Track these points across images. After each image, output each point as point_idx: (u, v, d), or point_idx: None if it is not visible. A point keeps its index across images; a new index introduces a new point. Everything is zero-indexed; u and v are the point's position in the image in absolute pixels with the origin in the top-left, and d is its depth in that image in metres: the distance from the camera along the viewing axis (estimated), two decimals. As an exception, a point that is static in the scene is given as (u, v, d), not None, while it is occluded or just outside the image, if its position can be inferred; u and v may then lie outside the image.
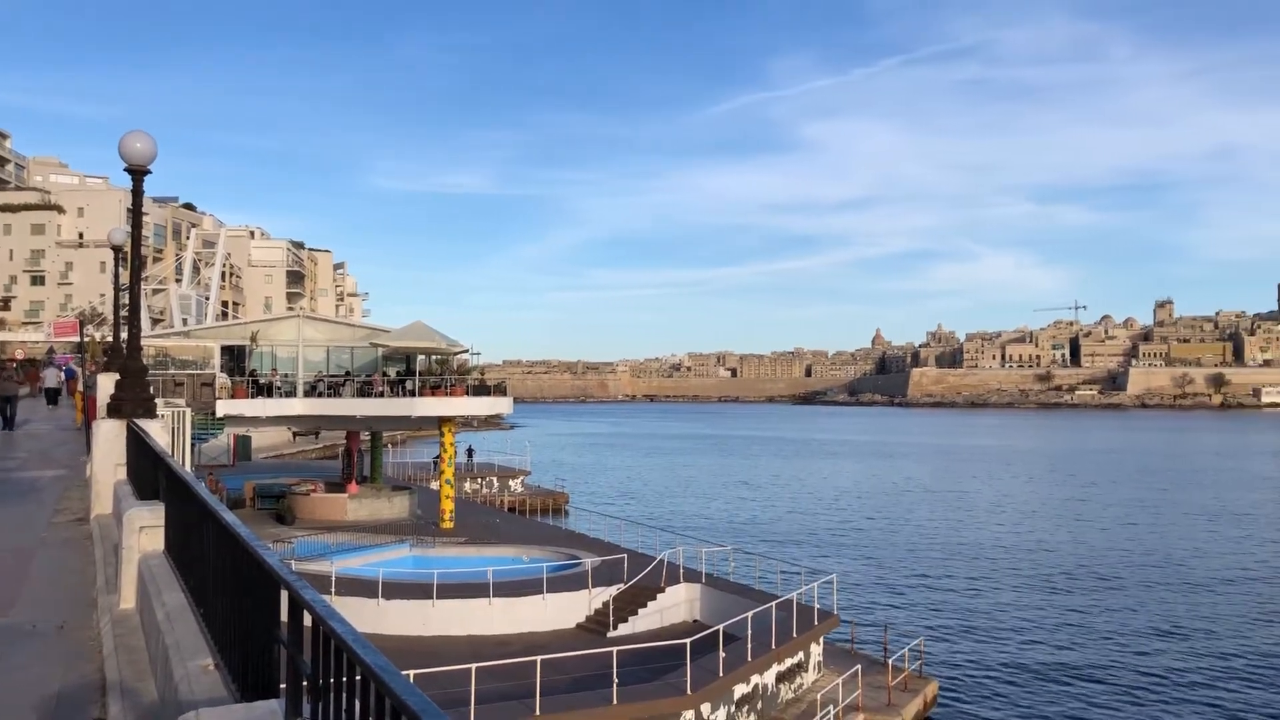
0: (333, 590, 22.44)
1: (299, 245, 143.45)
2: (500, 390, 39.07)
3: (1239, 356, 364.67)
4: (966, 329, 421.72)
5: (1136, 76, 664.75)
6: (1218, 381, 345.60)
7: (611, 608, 23.98)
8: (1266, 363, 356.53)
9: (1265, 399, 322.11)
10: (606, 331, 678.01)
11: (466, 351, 40.01)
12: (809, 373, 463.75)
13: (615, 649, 18.50)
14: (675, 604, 24.92)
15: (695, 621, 24.47)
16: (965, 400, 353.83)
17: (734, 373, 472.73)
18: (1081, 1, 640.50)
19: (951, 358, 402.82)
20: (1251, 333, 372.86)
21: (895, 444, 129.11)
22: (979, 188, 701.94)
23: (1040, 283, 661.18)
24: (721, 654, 19.00)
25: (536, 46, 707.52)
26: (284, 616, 3.61)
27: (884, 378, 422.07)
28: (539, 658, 17.53)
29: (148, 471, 8.34)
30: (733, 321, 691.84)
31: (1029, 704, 22.72)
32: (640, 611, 24.12)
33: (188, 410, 18.04)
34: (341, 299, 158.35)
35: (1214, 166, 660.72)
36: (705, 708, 18.28)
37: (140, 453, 9.06)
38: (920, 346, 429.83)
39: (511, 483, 59.78)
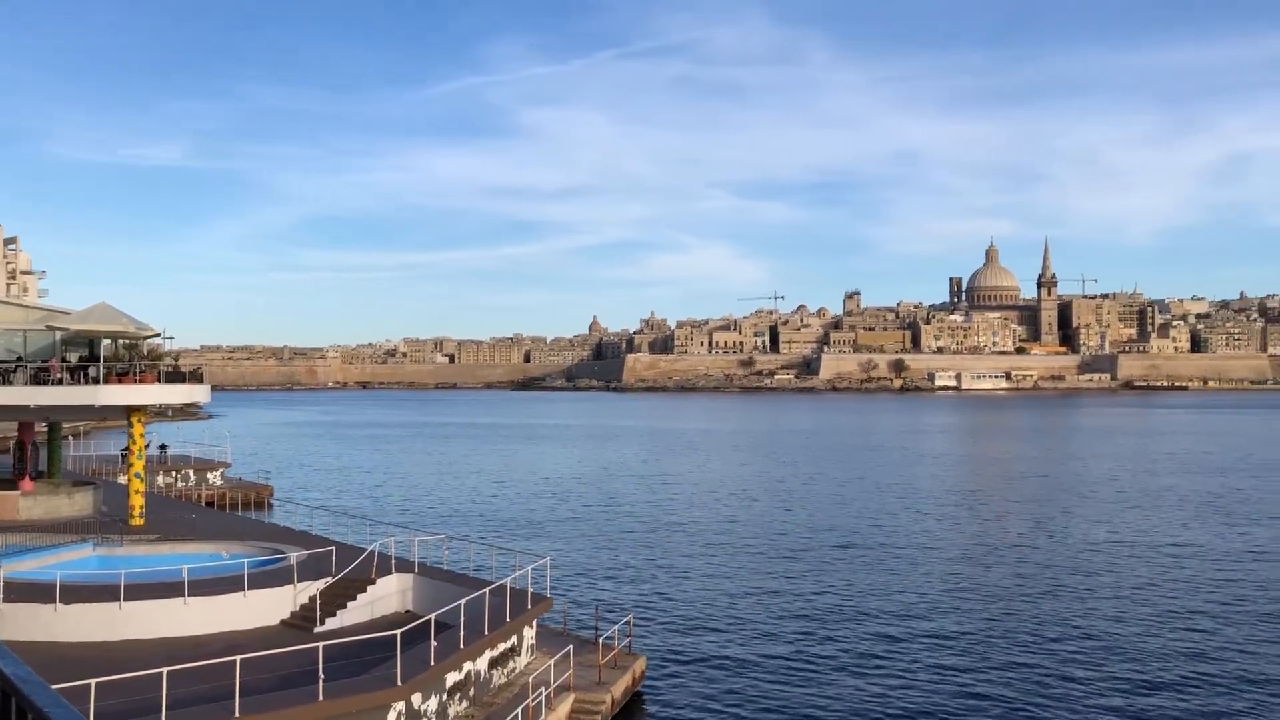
0: (-1, 597, 20.29)
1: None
2: (196, 377, 36.64)
3: (917, 344, 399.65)
4: (678, 316, 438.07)
5: (831, 82, 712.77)
6: (899, 367, 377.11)
7: (319, 602, 23.15)
8: (939, 350, 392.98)
9: (938, 383, 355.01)
10: (316, 315, 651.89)
11: (159, 335, 37.26)
12: (528, 359, 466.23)
13: (322, 644, 17.86)
14: (387, 595, 24.39)
15: (408, 612, 24.06)
16: (676, 385, 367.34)
17: (452, 359, 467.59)
18: (782, 7, 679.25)
19: (664, 344, 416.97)
20: (928, 322, 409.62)
21: (610, 428, 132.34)
22: (690, 181, 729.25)
23: (745, 273, 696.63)
24: (433, 643, 18.79)
25: (240, 14, 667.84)
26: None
27: (601, 363, 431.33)
28: (239, 657, 16.64)
29: None
30: (451, 307, 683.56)
31: (734, 671, 23.95)
32: (349, 605, 23.43)
33: None
34: (13, 277, 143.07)
35: (897, 169, 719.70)
36: (416, 698, 18.02)
37: None
38: (635, 333, 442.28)
39: (210, 475, 56.45)
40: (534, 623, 23.26)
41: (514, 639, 21.97)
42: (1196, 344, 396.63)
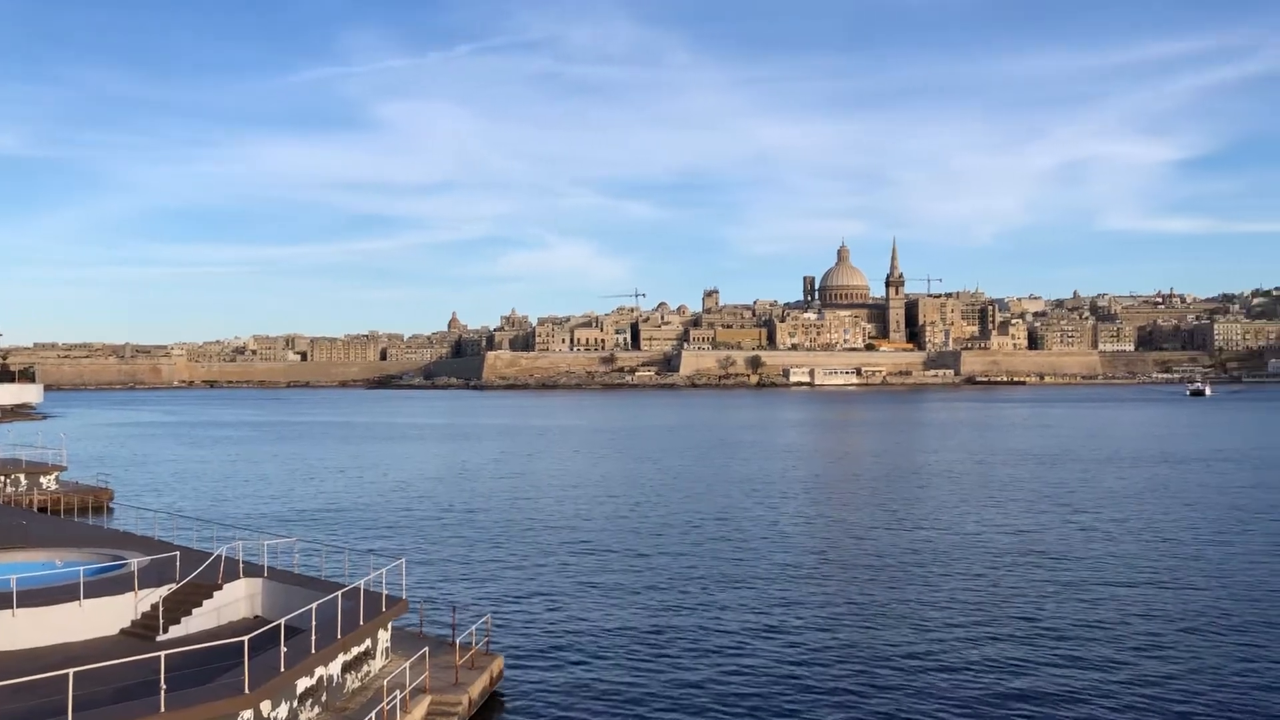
0: None
1: None
2: (28, 376, 35.01)
3: (773, 341, 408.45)
4: (539, 313, 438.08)
5: (691, 82, 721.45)
6: (755, 363, 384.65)
7: (161, 609, 22.29)
8: (794, 347, 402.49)
9: (793, 378, 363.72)
10: (161, 312, 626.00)
11: (-15, 333, 35.15)
12: (384, 356, 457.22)
13: (164, 653, 17.22)
14: (234, 601, 23.66)
15: (257, 617, 23.40)
16: (537, 382, 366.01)
17: (304, 356, 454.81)
18: (642, 7, 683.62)
19: (524, 341, 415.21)
20: (783, 320, 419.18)
21: (469, 426, 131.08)
22: (553, 178, 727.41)
23: (607, 271, 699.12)
24: (283, 648, 18.33)
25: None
26: None
27: (460, 361, 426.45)
28: (72, 670, 15.91)
29: None
30: (303, 303, 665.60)
31: (593, 667, 24.11)
32: (195, 611, 22.64)
33: None
34: None
35: (754, 170, 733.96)
36: (265, 705, 17.55)
37: None
38: (495, 330, 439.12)
39: (43, 479, 53.56)
40: (389, 625, 22.93)
41: (368, 642, 21.63)
42: (1034, 341, 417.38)
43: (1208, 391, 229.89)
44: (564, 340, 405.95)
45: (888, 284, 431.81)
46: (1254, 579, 32.99)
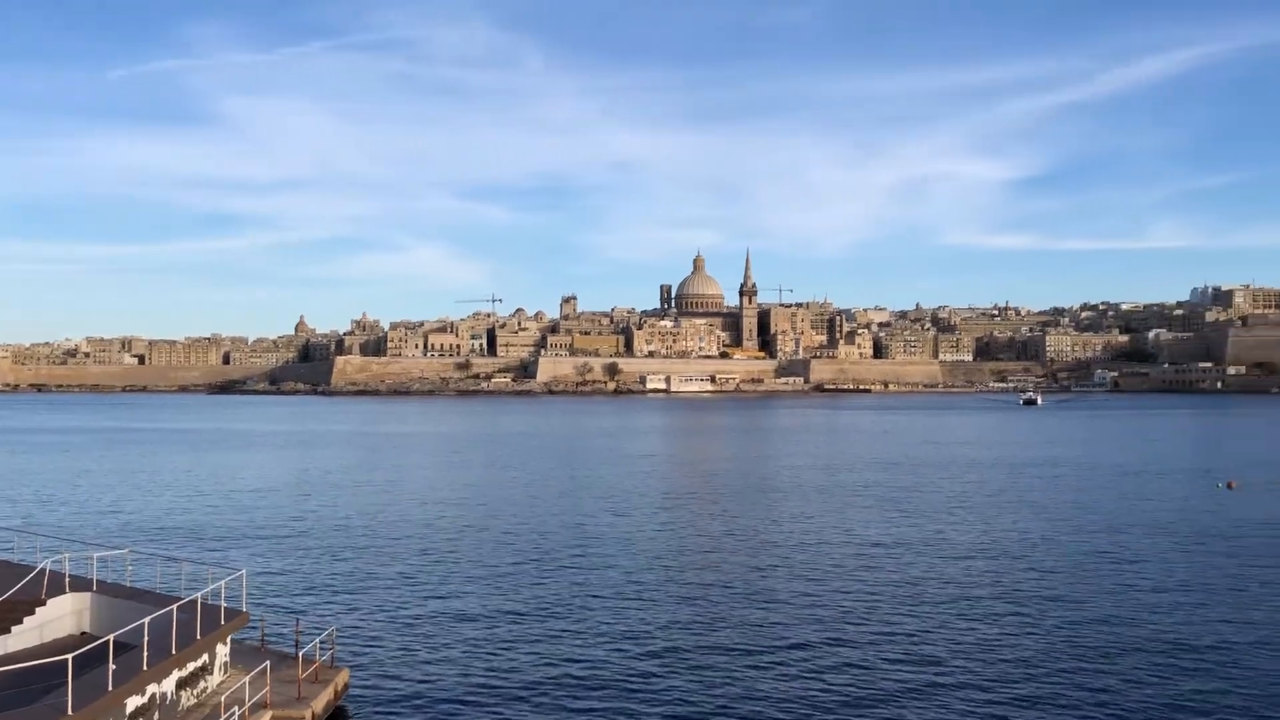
0: None
1: None
2: None
3: (630, 348, 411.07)
4: (391, 318, 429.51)
5: (549, 88, 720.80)
6: (612, 370, 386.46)
7: (-23, 628, 20.90)
8: (651, 354, 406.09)
9: (650, 385, 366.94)
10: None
11: None
12: (228, 360, 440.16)
13: (-22, 675, 16.18)
14: (60, 617, 22.37)
15: (84, 634, 22.17)
16: (389, 388, 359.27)
17: (142, 359, 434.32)
18: (501, 11, 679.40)
19: (376, 346, 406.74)
20: (640, 327, 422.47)
21: (317, 433, 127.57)
22: (408, 180, 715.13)
23: (462, 275, 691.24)
24: (112, 666, 17.43)
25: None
26: None
27: (307, 366, 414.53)
28: (-128, 697, 14.77)
29: None
30: (142, 304, 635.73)
31: (439, 679, 23.75)
32: (14, 629, 21.30)
33: None
34: None
35: (613, 177, 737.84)
36: (92, 727, 16.66)
37: None
38: (345, 334, 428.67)
39: None
40: (228, 639, 22.07)
41: (205, 657, 20.77)
42: (879, 351, 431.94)
43: (1039, 400, 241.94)
44: (417, 345, 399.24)
45: (741, 293, 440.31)
46: (1082, 579, 34.87)
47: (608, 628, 28.27)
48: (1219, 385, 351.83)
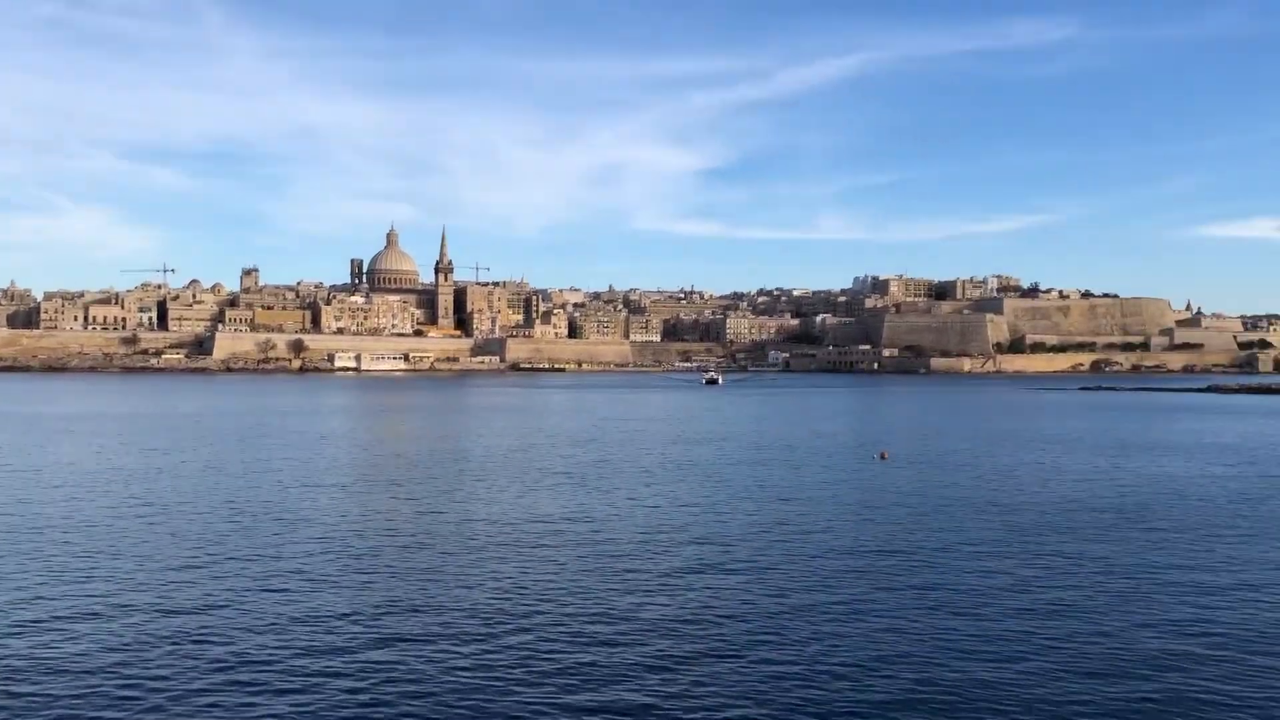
0: None
1: None
2: None
3: (317, 324, 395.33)
4: (46, 287, 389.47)
5: (228, 46, 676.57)
6: (298, 347, 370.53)
7: None
8: (340, 331, 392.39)
9: (338, 363, 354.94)
10: None
11: None
12: None
13: None
14: None
15: None
16: (42, 364, 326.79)
17: None
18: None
19: (27, 317, 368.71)
20: (328, 303, 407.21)
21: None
22: (63, 137, 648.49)
23: (129, 243, 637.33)
24: None
25: None
26: None
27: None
28: None
29: None
30: None
31: (64, 680, 21.16)
32: None
33: None
34: None
35: (299, 144, 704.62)
36: None
37: None
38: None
39: None
40: None
41: None
42: (573, 331, 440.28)
43: (720, 380, 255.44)
44: (76, 318, 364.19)
45: (437, 270, 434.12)
46: (756, 546, 36.45)
47: (277, 619, 26.34)
48: (875, 366, 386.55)
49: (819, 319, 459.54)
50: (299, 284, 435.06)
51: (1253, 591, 29.70)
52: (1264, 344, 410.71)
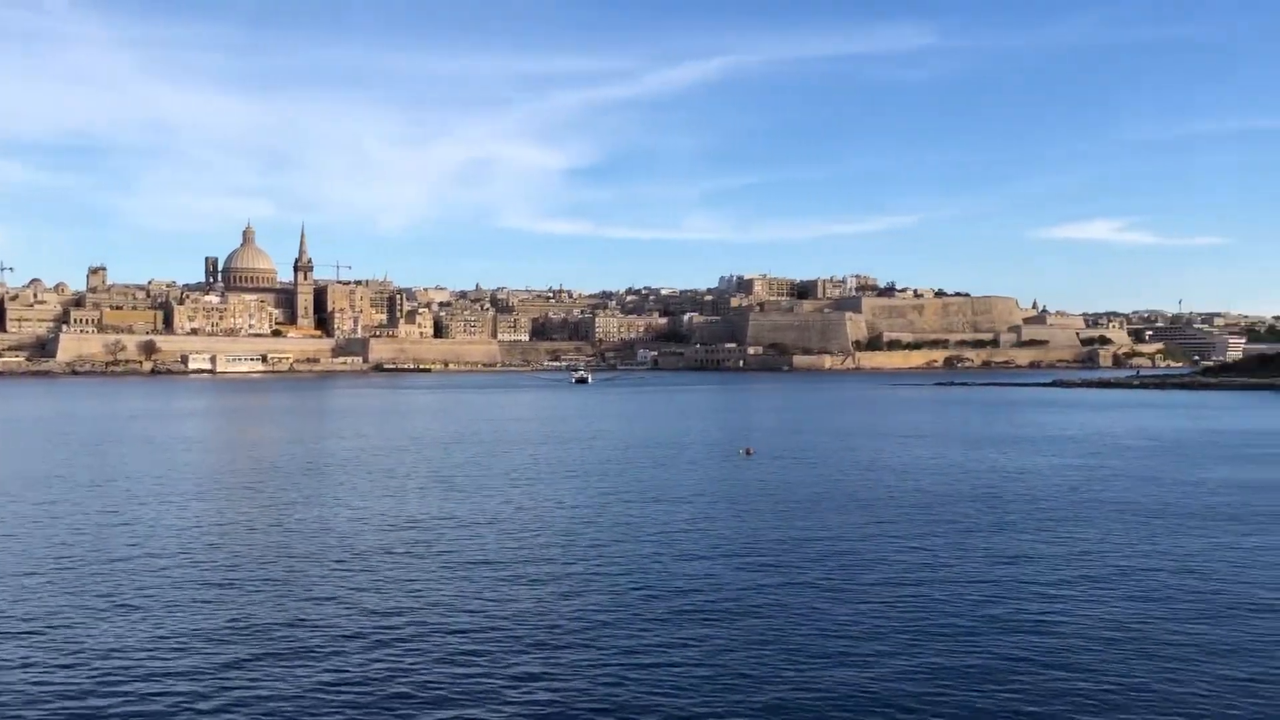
0: None
1: None
2: None
3: (170, 325, 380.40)
4: None
5: (75, 34, 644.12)
6: (149, 349, 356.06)
7: None
8: (194, 331, 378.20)
9: (192, 365, 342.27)
10: None
11: None
12: None
13: None
14: None
15: None
16: None
17: None
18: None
19: None
20: (181, 302, 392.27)
21: None
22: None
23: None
24: None
25: None
26: None
27: None
28: None
29: None
30: None
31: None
32: None
33: None
34: None
35: (150, 138, 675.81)
36: None
37: None
38: None
39: None
40: None
41: None
42: (439, 330, 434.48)
43: (590, 379, 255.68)
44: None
45: (296, 269, 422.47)
46: (626, 543, 36.51)
47: (121, 639, 25.07)
48: (741, 364, 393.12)
49: (686, 318, 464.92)
50: (150, 283, 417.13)
51: (1095, 574, 31.26)
52: (1104, 340, 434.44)
